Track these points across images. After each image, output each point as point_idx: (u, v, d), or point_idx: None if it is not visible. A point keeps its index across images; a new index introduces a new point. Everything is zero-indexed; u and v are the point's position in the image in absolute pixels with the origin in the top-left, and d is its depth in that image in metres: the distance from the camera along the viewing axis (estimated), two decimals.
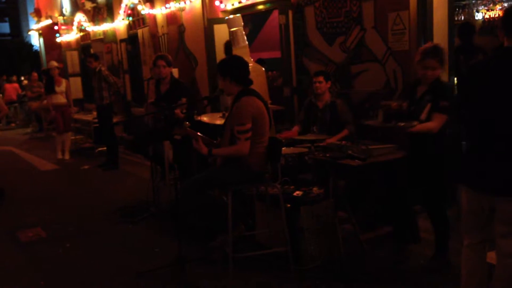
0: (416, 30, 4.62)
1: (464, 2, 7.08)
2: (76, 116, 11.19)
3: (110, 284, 3.93)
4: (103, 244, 4.83)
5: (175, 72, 6.13)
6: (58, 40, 13.92)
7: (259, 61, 8.38)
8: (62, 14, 13.85)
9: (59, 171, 8.60)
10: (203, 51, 7.70)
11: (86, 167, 8.60)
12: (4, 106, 6.83)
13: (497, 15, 6.75)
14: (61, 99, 9.56)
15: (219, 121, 5.10)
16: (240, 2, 6.84)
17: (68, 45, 13.75)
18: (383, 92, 4.94)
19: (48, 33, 14.84)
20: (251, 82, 3.92)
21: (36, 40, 22.05)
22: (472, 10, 7.04)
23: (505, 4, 6.66)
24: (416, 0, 4.58)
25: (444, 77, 4.76)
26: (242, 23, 6.01)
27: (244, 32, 6.02)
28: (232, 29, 6.01)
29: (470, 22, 6.50)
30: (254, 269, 3.90)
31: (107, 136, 8.42)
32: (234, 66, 3.91)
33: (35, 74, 13.76)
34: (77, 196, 6.82)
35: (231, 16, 6.16)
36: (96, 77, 8.17)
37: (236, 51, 5.95)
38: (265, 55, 9.45)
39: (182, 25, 8.20)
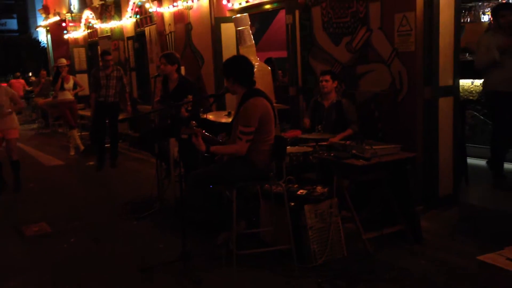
0: (422, 31, 4.63)
1: (470, 4, 7.09)
2: (82, 112, 11.26)
3: (114, 279, 3.97)
4: (108, 240, 4.87)
5: (181, 70, 6.16)
6: (66, 36, 13.98)
7: (267, 60, 8.43)
8: (70, 11, 13.91)
9: (65, 167, 8.66)
10: (209, 49, 7.73)
11: (91, 163, 8.65)
12: (20, 100, 6.90)
13: None
14: (68, 96, 9.66)
15: (225, 119, 5.14)
16: (247, 2, 6.87)
17: (76, 42, 13.82)
18: (388, 93, 4.96)
19: (56, 30, 14.90)
20: (254, 83, 3.95)
21: (43, 37, 22.18)
22: (478, 12, 7.04)
23: None
24: (422, 2, 4.60)
25: (449, 79, 4.79)
26: (249, 22, 6.06)
27: (250, 31, 6.07)
28: (239, 28, 6.06)
29: None
30: (257, 266, 3.93)
31: (114, 134, 8.39)
32: (238, 67, 3.93)
33: (43, 72, 13.83)
34: (82, 191, 6.87)
35: (238, 15, 6.21)
36: (114, 75, 8.08)
37: (242, 50, 6.00)
38: (271, 54, 9.49)
39: (189, 23, 8.23)
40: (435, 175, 4.80)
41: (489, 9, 6.92)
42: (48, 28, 16.29)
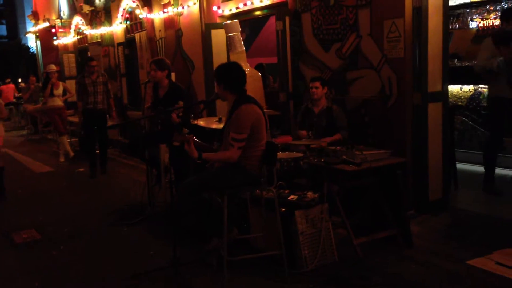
0: (411, 37, 4.68)
1: (458, 11, 7.16)
2: (72, 118, 11.21)
3: (104, 285, 3.94)
4: (98, 246, 4.84)
5: (172, 76, 6.16)
6: (55, 42, 13.93)
7: (258, 66, 8.47)
8: (59, 17, 13.88)
9: (54, 174, 8.60)
10: (200, 55, 7.74)
11: (81, 169, 8.60)
12: (4, 110, 6.84)
13: (491, 24, 6.83)
14: (58, 102, 9.63)
15: (215, 125, 5.14)
16: (237, 8, 6.90)
17: (65, 48, 13.77)
18: (378, 98, 5.00)
19: (46, 36, 14.85)
20: (245, 91, 3.96)
21: (33, 43, 22.08)
22: (467, 19, 7.11)
23: (499, 14, 6.73)
24: (411, 8, 4.64)
25: (438, 85, 4.84)
26: (240, 29, 6.08)
27: (241, 38, 6.09)
28: (229, 34, 6.07)
29: None
30: (248, 272, 3.92)
31: (104, 140, 8.33)
32: (229, 74, 3.94)
33: (33, 78, 13.75)
34: (72, 198, 6.82)
35: (229, 22, 6.22)
36: (100, 80, 8.02)
37: (233, 56, 6.01)
38: (261, 60, 9.53)
39: (179, 29, 8.24)
40: (425, 180, 4.83)
41: (477, 15, 7.00)
42: (37, 34, 16.23)
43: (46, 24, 14.40)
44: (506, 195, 5.32)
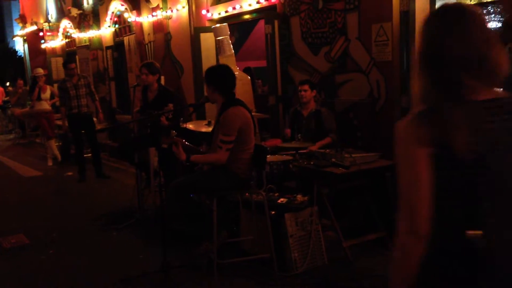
0: (398, 41, 4.72)
1: None
2: (59, 122, 11.12)
3: None
4: (87, 251, 4.81)
5: (161, 80, 6.15)
6: (43, 46, 13.83)
7: (246, 70, 8.48)
8: (47, 20, 13.78)
9: (43, 178, 8.53)
10: (189, 59, 7.74)
11: (70, 173, 8.54)
12: None
13: None
14: (45, 106, 9.56)
15: (205, 129, 5.14)
16: (226, 12, 6.91)
17: (53, 51, 13.68)
18: (366, 101, 5.03)
19: (33, 39, 14.74)
20: (233, 93, 3.98)
21: (20, 46, 21.87)
22: None
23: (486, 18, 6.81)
24: (398, 12, 4.68)
25: None
26: (229, 32, 6.09)
27: (230, 41, 6.10)
28: (218, 38, 6.08)
29: None
30: (238, 275, 3.92)
31: (94, 144, 8.24)
32: (220, 76, 3.96)
33: (20, 82, 13.65)
34: (61, 202, 6.78)
35: (218, 25, 6.24)
36: (82, 83, 7.94)
37: (222, 60, 6.02)
38: (251, 64, 9.53)
39: (168, 33, 8.24)
40: None
41: None
42: (25, 37, 16.10)
43: (34, 27, 14.29)
44: None
